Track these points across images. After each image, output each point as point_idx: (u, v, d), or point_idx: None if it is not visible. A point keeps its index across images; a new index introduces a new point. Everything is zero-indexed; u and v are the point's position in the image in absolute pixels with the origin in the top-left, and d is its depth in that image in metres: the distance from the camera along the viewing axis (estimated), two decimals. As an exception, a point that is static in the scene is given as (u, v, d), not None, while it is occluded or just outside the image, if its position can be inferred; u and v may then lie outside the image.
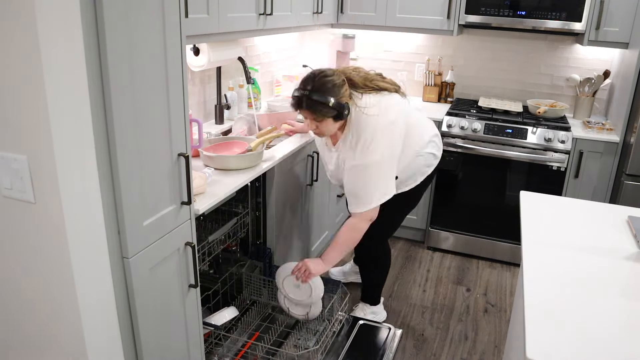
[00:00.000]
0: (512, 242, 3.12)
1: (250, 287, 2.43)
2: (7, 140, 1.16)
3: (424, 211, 3.28)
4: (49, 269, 1.24)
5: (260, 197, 2.31)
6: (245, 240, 2.38)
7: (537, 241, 1.51)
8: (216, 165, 2.04)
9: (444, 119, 3.07)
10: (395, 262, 3.15)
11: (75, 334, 1.29)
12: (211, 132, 2.53)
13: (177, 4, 1.39)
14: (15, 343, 1.41)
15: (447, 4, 3.07)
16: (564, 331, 1.11)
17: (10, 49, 1.08)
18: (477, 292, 2.89)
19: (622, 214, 1.74)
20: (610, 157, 2.84)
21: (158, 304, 1.51)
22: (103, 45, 1.17)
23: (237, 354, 2.13)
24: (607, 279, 1.32)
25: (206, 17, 1.98)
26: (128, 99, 1.26)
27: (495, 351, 2.41)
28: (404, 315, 2.64)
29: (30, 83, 1.08)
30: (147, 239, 1.41)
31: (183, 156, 1.51)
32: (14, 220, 1.24)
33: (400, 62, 3.64)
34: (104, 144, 1.24)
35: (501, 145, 2.98)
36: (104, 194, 1.26)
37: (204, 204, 1.73)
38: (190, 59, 2.39)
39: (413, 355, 2.36)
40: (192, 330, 1.72)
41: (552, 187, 2.95)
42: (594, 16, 2.83)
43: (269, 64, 3.31)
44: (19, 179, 1.17)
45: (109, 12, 1.16)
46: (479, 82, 3.52)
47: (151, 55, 1.32)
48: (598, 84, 3.14)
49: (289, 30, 2.73)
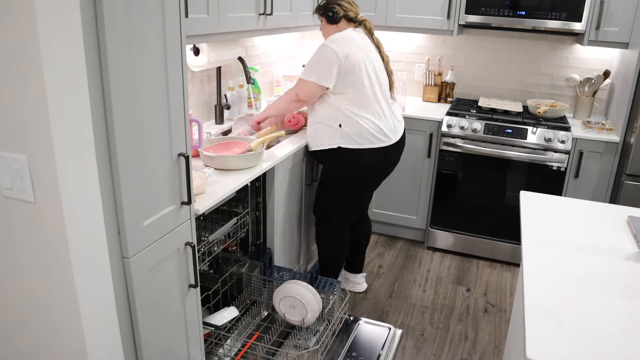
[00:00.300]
0: (512, 242, 3.12)
1: (250, 287, 2.43)
2: (7, 140, 1.16)
3: (424, 211, 3.28)
4: (49, 269, 1.24)
5: (260, 197, 2.31)
6: (245, 240, 2.38)
7: (537, 241, 1.51)
8: (216, 165, 2.04)
9: (444, 119, 3.07)
10: (395, 262, 3.15)
11: (75, 333, 1.29)
12: (211, 132, 2.53)
13: (177, 4, 1.39)
14: (16, 342, 1.41)
15: (447, 4, 3.07)
16: (564, 331, 1.11)
17: (10, 49, 1.08)
18: (477, 292, 2.89)
19: (622, 214, 1.74)
20: (610, 157, 2.84)
21: (158, 304, 1.51)
22: (103, 45, 1.17)
23: (237, 354, 2.13)
24: (607, 279, 1.32)
25: (206, 17, 1.98)
26: (128, 99, 1.26)
27: (495, 351, 2.41)
28: (404, 315, 2.64)
29: (30, 83, 1.08)
30: (147, 239, 1.41)
31: (183, 156, 1.51)
32: (14, 220, 1.24)
33: (400, 62, 3.64)
34: (104, 144, 1.24)
35: (501, 145, 2.98)
36: (104, 194, 1.26)
37: (204, 204, 1.73)
38: (190, 59, 2.39)
39: (413, 355, 2.36)
40: (192, 330, 1.72)
41: (552, 187, 2.95)
42: (594, 16, 2.83)
43: (269, 64, 3.31)
44: (19, 179, 1.17)
45: (109, 12, 1.16)
46: (479, 82, 3.52)
47: (151, 55, 1.32)
48: (598, 84, 3.14)
49: (289, 30, 2.73)
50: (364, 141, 2.30)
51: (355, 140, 2.29)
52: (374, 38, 2.40)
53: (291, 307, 2.25)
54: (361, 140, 2.30)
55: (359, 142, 2.30)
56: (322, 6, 2.38)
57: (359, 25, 2.38)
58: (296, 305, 2.23)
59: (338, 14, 2.33)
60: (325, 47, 2.22)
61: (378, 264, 3.13)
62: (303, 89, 2.28)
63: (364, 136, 2.29)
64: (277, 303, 2.28)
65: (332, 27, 2.36)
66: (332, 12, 2.33)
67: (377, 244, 3.38)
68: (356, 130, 2.28)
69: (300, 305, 2.22)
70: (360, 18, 2.37)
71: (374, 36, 2.40)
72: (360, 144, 2.30)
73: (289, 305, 2.25)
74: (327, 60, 2.21)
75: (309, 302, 2.21)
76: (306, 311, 2.23)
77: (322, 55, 2.22)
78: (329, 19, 2.35)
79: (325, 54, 2.21)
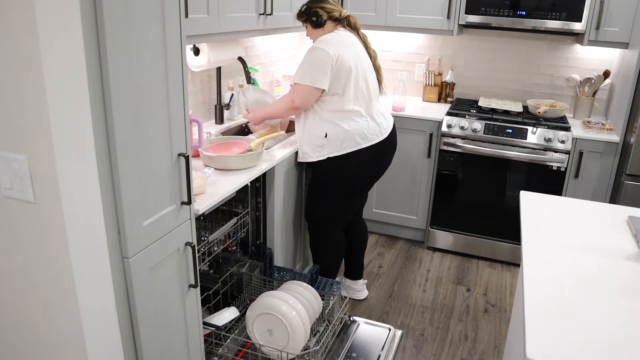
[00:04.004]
0: (512, 242, 3.12)
1: (250, 287, 2.43)
2: (7, 140, 1.16)
3: (424, 211, 3.28)
4: (49, 269, 1.24)
5: (260, 197, 2.31)
6: (245, 240, 2.38)
7: (537, 241, 1.51)
8: (216, 165, 2.04)
9: (444, 119, 3.07)
10: (395, 262, 3.15)
11: (75, 333, 1.29)
12: (211, 132, 2.53)
13: (177, 4, 1.39)
14: (15, 342, 1.41)
15: (447, 4, 3.07)
16: (564, 331, 1.11)
17: (10, 49, 1.08)
18: (477, 292, 2.89)
19: (622, 214, 1.74)
20: (610, 157, 2.84)
21: (158, 304, 1.51)
22: (103, 45, 1.17)
23: (237, 354, 2.13)
24: (607, 279, 1.32)
25: (206, 17, 1.98)
26: (128, 99, 1.26)
27: (495, 351, 2.41)
28: (404, 315, 2.64)
29: (30, 83, 1.08)
30: (147, 239, 1.41)
31: (183, 156, 1.51)
32: (14, 220, 1.24)
33: (400, 62, 3.64)
34: (104, 144, 1.24)
35: (501, 145, 2.98)
36: (104, 194, 1.26)
37: (204, 204, 1.73)
38: (190, 59, 2.39)
39: (413, 355, 2.36)
40: (192, 330, 1.72)
41: (552, 187, 2.95)
42: (594, 16, 2.83)
43: (269, 64, 3.31)
44: (19, 179, 1.17)
45: (109, 12, 1.16)
46: (479, 82, 3.52)
47: (151, 55, 1.32)
48: (598, 84, 3.14)
49: (289, 30, 2.73)
50: (352, 144, 2.27)
51: (343, 144, 2.27)
52: (361, 34, 2.37)
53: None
54: (349, 143, 2.27)
55: (347, 146, 2.27)
56: (304, 12, 2.32)
57: (345, 23, 2.34)
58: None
59: (322, 18, 2.28)
60: (316, 49, 2.18)
61: (378, 264, 3.13)
62: (299, 94, 2.23)
63: (352, 139, 2.27)
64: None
65: (318, 30, 2.32)
66: (316, 16, 2.28)
67: (377, 244, 3.38)
68: (343, 135, 2.26)
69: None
70: (344, 15, 2.33)
71: (359, 33, 2.37)
72: (348, 147, 2.27)
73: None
74: (320, 62, 2.17)
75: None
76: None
77: (314, 57, 2.18)
78: (314, 24, 2.31)
79: (318, 56, 2.17)
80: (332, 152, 2.28)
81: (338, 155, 2.28)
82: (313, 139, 2.30)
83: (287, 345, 1.91)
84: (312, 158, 2.33)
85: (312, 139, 2.31)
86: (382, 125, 2.36)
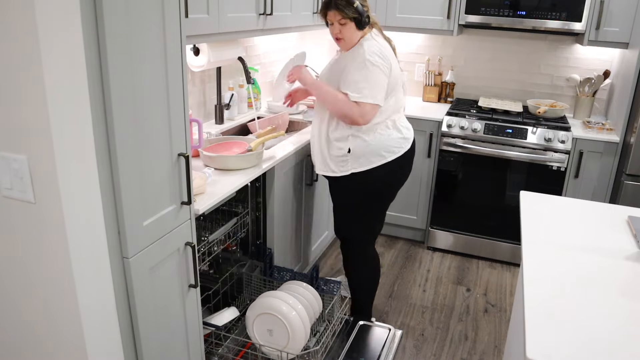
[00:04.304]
0: (512, 242, 3.12)
1: (250, 287, 2.43)
2: (7, 140, 1.16)
3: (424, 211, 3.28)
4: (48, 269, 1.24)
5: (260, 197, 2.31)
6: (245, 240, 2.38)
7: (537, 241, 1.51)
8: (216, 165, 2.04)
9: (444, 119, 3.07)
10: (395, 262, 3.15)
11: (75, 333, 1.29)
12: (211, 132, 2.53)
13: (177, 4, 1.39)
14: (15, 342, 1.41)
15: (447, 4, 3.07)
16: (564, 331, 1.11)
17: (10, 49, 1.08)
18: (477, 292, 2.89)
19: (622, 214, 1.74)
20: (610, 157, 2.84)
21: (158, 304, 1.51)
22: (103, 45, 1.17)
23: (237, 354, 2.13)
24: (607, 279, 1.32)
25: (206, 17, 1.98)
26: (128, 99, 1.26)
27: (495, 351, 2.41)
28: (404, 315, 2.64)
29: (30, 83, 1.08)
30: (147, 239, 1.41)
31: (183, 156, 1.51)
32: (14, 220, 1.24)
33: (400, 62, 3.62)
34: (104, 144, 1.24)
35: (501, 145, 2.98)
36: (104, 194, 1.26)
37: (204, 204, 1.73)
38: (190, 59, 2.39)
39: (413, 355, 2.36)
40: (192, 330, 1.72)
41: (552, 187, 2.95)
42: (594, 16, 2.83)
43: (269, 64, 3.31)
44: (19, 179, 1.17)
45: (109, 12, 1.16)
46: (479, 82, 3.52)
47: (151, 55, 1.32)
48: (598, 84, 3.14)
49: (289, 30, 2.73)
50: (378, 158, 2.16)
51: (369, 159, 2.15)
52: (386, 37, 2.22)
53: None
54: (374, 158, 2.15)
55: (372, 161, 2.15)
56: (356, 9, 2.03)
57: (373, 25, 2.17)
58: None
59: (370, 19, 2.10)
60: (373, 64, 2.02)
61: (378, 264, 3.13)
62: (364, 113, 2.04)
63: (377, 153, 2.15)
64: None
65: (359, 32, 2.10)
66: (368, 16, 2.08)
67: (377, 244, 3.37)
68: (367, 151, 2.14)
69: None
70: (374, 18, 2.17)
71: (384, 35, 2.22)
72: (373, 162, 2.15)
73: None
74: (380, 78, 2.04)
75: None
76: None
77: (374, 72, 2.03)
78: (362, 25, 2.07)
79: (378, 71, 2.03)
80: (356, 168, 2.16)
81: (363, 170, 2.17)
82: (334, 152, 2.18)
83: (287, 345, 1.92)
84: (334, 173, 2.20)
85: (333, 152, 2.18)
86: (406, 136, 2.24)
